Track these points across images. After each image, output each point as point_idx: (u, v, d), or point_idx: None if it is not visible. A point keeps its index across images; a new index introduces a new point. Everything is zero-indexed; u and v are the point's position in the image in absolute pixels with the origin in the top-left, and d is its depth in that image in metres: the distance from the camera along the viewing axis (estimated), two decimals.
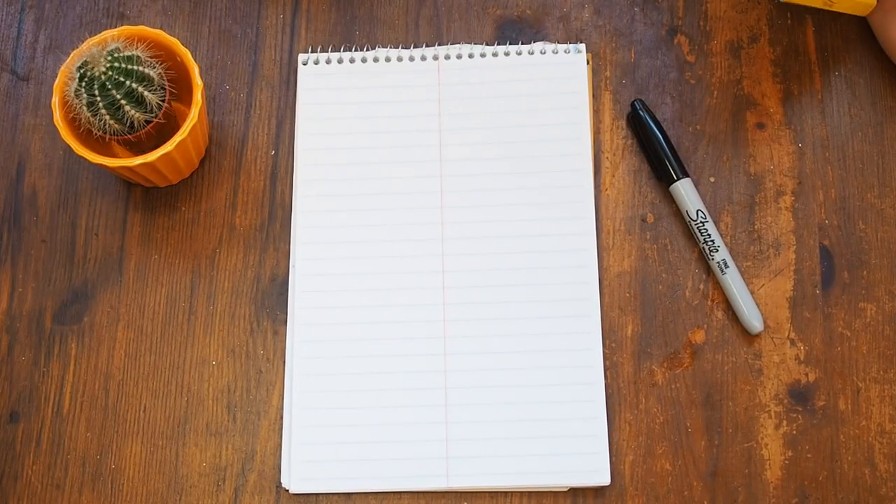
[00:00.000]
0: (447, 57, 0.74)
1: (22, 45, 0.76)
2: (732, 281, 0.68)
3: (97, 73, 0.64)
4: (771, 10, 0.75)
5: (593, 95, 0.73)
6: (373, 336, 0.68)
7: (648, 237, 0.71)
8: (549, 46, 0.74)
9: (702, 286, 0.69)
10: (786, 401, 0.67)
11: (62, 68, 0.67)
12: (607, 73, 0.74)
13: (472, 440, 0.66)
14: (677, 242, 0.70)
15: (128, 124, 0.66)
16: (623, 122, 0.73)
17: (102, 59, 0.64)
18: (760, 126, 0.72)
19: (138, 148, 0.68)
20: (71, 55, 0.66)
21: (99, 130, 0.66)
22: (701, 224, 0.69)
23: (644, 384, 0.68)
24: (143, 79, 0.65)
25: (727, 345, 0.68)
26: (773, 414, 0.67)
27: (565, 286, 0.69)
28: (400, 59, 0.74)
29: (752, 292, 0.69)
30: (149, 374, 0.69)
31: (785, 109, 0.73)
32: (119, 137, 0.67)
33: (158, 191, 0.72)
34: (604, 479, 0.65)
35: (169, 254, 0.71)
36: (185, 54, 0.67)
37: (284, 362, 0.68)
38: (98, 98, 0.64)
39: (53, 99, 0.66)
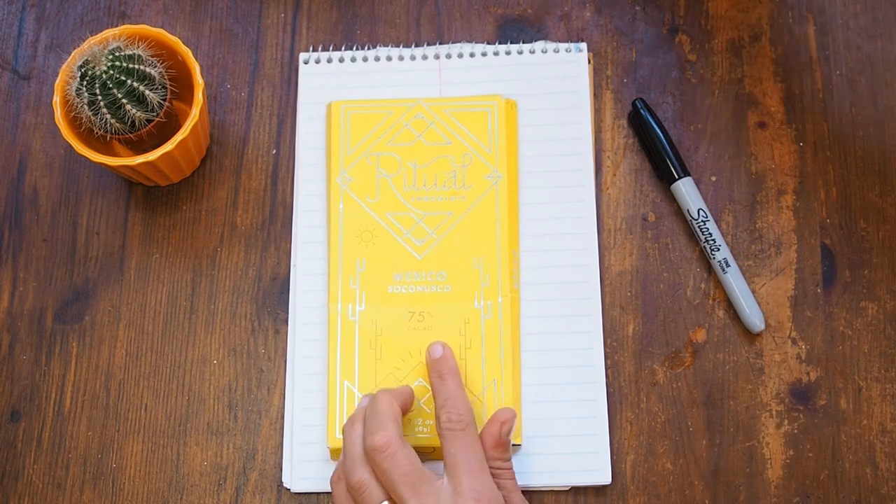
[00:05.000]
0: (448, 56, 0.74)
1: (23, 44, 0.76)
2: (733, 280, 0.68)
3: (98, 72, 0.64)
4: (772, 8, 0.75)
5: (594, 94, 0.73)
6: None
7: (649, 236, 0.70)
8: (550, 45, 0.74)
9: (703, 285, 0.69)
10: (787, 400, 0.67)
11: (63, 67, 0.67)
12: (608, 73, 0.74)
13: None
14: (678, 241, 0.70)
15: (129, 123, 0.66)
16: (624, 122, 0.73)
17: (104, 58, 0.64)
18: (762, 125, 0.72)
19: (139, 147, 0.68)
20: (72, 54, 0.67)
21: (100, 129, 0.66)
22: (702, 223, 0.69)
23: (645, 383, 0.68)
24: (145, 78, 0.65)
25: (728, 344, 0.68)
26: (774, 413, 0.67)
27: (566, 285, 0.69)
28: (401, 58, 0.74)
29: (753, 291, 0.69)
30: (150, 373, 0.69)
31: (786, 108, 0.73)
32: (120, 136, 0.67)
33: (159, 190, 0.72)
34: (605, 478, 0.65)
35: (170, 253, 0.71)
36: (187, 53, 0.67)
37: (285, 361, 0.68)
38: (99, 97, 0.64)
39: (54, 98, 0.66)
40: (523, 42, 0.74)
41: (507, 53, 0.74)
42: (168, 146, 0.66)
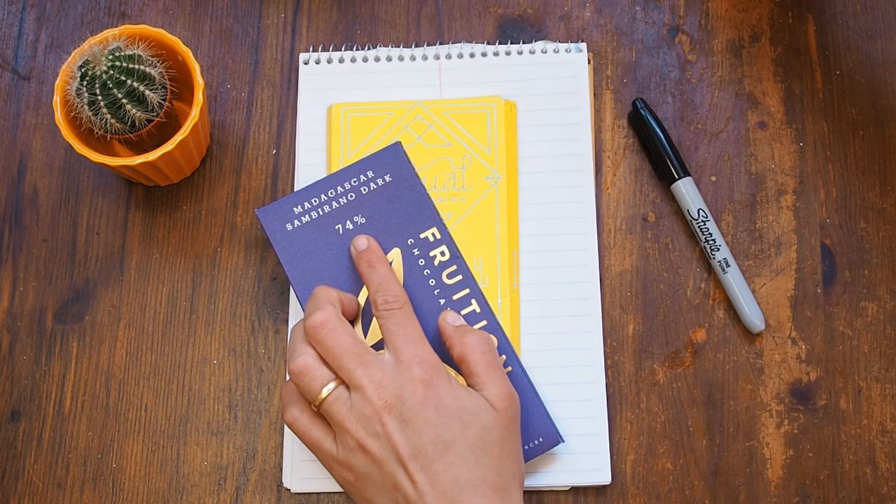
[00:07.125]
0: (448, 56, 0.74)
1: (23, 44, 0.76)
2: (734, 280, 0.68)
3: (98, 73, 0.64)
4: (772, 8, 0.75)
5: (594, 95, 0.73)
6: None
7: (650, 236, 0.71)
8: (551, 45, 0.74)
9: (703, 285, 0.69)
10: (787, 400, 0.67)
11: (63, 67, 0.67)
12: (608, 73, 0.74)
13: None
14: (678, 241, 0.70)
15: (129, 123, 0.66)
16: (624, 122, 0.73)
17: (104, 59, 0.64)
18: (762, 125, 0.72)
19: (139, 147, 0.68)
20: (72, 54, 0.67)
21: (100, 129, 0.66)
22: (702, 223, 0.69)
23: (645, 383, 0.68)
24: (145, 78, 0.65)
25: (728, 344, 0.68)
26: (774, 413, 0.67)
27: (566, 285, 0.69)
28: (401, 58, 0.74)
29: (753, 291, 0.69)
30: (150, 373, 0.69)
31: (786, 108, 0.73)
32: (120, 136, 0.67)
33: (160, 190, 0.72)
34: (605, 478, 0.65)
35: (170, 253, 0.71)
36: (187, 53, 0.67)
37: (286, 361, 0.68)
38: (99, 97, 0.64)
39: (55, 98, 0.66)
40: (523, 42, 0.74)
41: (507, 54, 0.74)
42: (168, 146, 0.66)
